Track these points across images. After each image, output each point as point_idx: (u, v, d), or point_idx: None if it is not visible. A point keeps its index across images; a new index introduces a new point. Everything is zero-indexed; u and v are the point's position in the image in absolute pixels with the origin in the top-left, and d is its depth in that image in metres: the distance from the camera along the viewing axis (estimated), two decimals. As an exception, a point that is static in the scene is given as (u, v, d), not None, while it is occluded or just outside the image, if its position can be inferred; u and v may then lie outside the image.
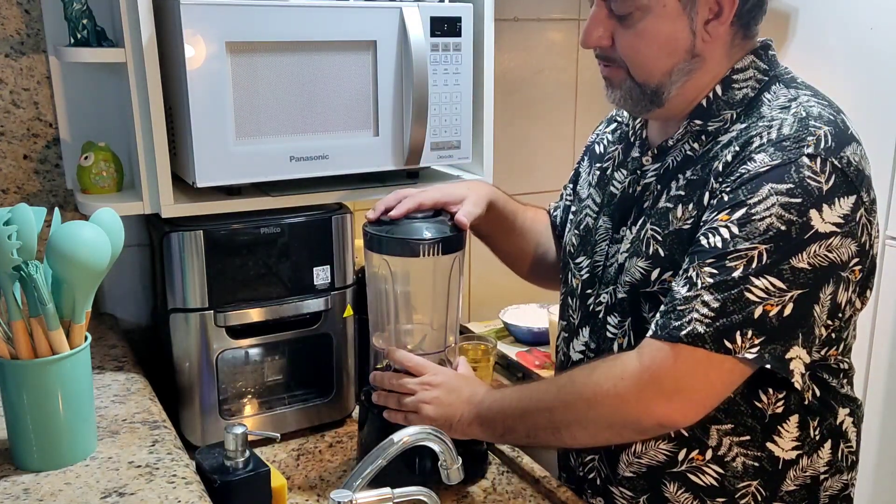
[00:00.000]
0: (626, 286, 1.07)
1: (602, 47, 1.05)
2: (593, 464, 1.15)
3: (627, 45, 1.03)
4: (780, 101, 1.02)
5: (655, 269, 1.04)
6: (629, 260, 1.08)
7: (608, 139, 1.25)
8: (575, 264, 1.20)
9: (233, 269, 1.30)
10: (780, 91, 1.03)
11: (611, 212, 1.15)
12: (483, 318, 1.96)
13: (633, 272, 1.06)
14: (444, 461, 1.08)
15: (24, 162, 1.43)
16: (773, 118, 0.99)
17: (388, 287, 1.27)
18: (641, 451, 1.08)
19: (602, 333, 1.12)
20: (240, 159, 1.23)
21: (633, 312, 1.07)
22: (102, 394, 1.20)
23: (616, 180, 1.16)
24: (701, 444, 1.05)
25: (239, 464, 1.06)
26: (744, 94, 1.04)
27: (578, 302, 1.18)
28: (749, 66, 1.05)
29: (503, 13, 1.78)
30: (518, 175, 1.97)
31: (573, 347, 1.18)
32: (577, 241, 1.21)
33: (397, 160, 1.35)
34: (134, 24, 1.17)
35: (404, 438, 1.02)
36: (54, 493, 0.94)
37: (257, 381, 1.42)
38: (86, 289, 0.98)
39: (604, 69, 1.08)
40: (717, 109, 1.05)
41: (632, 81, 1.05)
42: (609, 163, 1.20)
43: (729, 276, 0.93)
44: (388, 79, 1.31)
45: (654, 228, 1.05)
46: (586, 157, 1.30)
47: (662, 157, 1.09)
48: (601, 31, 1.04)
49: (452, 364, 1.30)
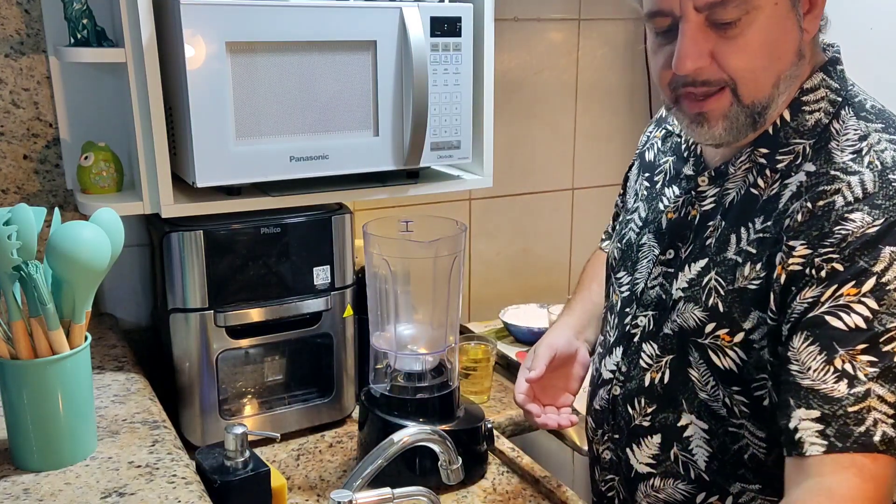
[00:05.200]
0: (677, 327, 0.99)
1: (701, 70, 0.88)
2: (613, 484, 1.12)
3: (737, 58, 0.87)
4: (850, 138, 0.90)
5: (711, 324, 0.95)
6: (685, 303, 0.98)
7: (658, 146, 1.14)
8: (616, 279, 1.12)
9: (233, 269, 1.30)
10: (850, 123, 0.91)
11: (657, 231, 1.06)
12: (483, 318, 1.96)
13: (688, 318, 0.97)
14: (444, 461, 1.08)
15: (24, 162, 1.43)
16: (846, 169, 0.87)
17: (388, 287, 1.27)
18: (660, 486, 1.03)
19: (635, 359, 1.05)
20: (240, 159, 1.23)
21: (678, 352, 0.99)
22: (102, 394, 1.20)
23: (666, 197, 1.06)
24: (721, 491, 0.99)
25: (239, 464, 1.06)
26: (815, 119, 0.92)
27: (617, 320, 1.10)
28: (820, 84, 0.93)
29: (503, 13, 1.78)
30: (518, 175, 1.97)
31: (605, 365, 1.11)
32: (619, 255, 1.12)
33: (397, 160, 1.35)
34: (134, 24, 1.17)
35: (404, 438, 1.02)
36: (54, 493, 0.94)
37: (257, 381, 1.42)
38: (86, 289, 0.98)
39: (695, 104, 0.91)
40: (786, 138, 0.92)
41: (738, 105, 0.90)
42: (660, 176, 1.10)
43: (893, 362, 0.80)
44: (388, 79, 1.31)
45: (718, 280, 0.95)
46: (636, 162, 1.20)
47: (720, 183, 0.98)
48: (700, 49, 0.87)
49: (452, 363, 1.30)
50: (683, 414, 1.00)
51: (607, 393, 1.10)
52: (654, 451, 1.03)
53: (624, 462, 1.08)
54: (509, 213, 1.99)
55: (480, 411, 1.34)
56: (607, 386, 1.10)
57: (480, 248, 1.99)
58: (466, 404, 1.34)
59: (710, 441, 0.98)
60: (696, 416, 0.99)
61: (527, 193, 2.00)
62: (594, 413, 1.14)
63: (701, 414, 0.98)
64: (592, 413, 1.14)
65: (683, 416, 1.00)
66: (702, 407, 0.98)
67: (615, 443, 1.09)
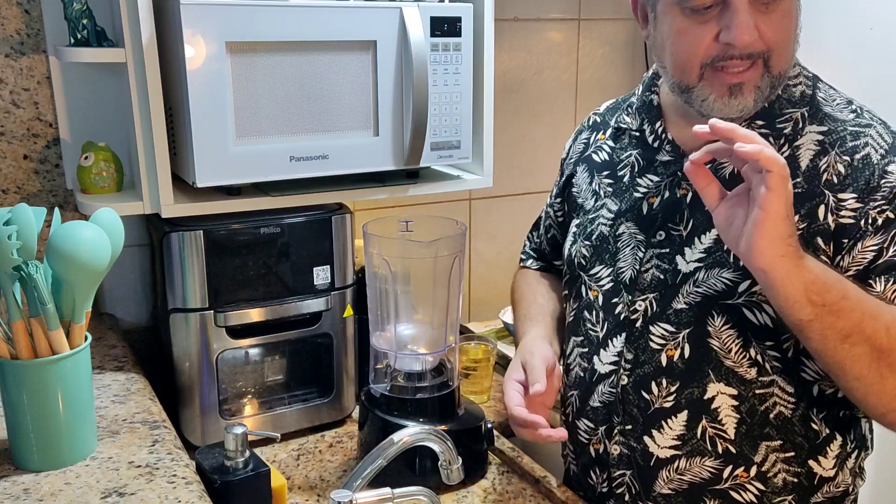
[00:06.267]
0: (697, 297, 1.03)
1: (754, 42, 0.94)
2: (624, 479, 1.12)
3: (774, 30, 0.95)
4: (839, 103, 1.02)
5: (745, 281, 0.99)
6: (706, 271, 1.02)
7: (609, 146, 1.20)
8: (589, 276, 1.15)
9: (233, 269, 1.30)
10: (830, 92, 1.04)
11: (637, 218, 1.10)
12: (483, 318, 1.96)
13: (714, 283, 1.01)
14: (444, 461, 1.08)
15: (24, 162, 1.43)
16: (859, 125, 1.00)
17: (388, 287, 1.27)
18: (685, 467, 1.06)
19: (642, 343, 1.07)
20: (240, 159, 1.23)
21: (695, 324, 1.03)
22: (102, 394, 1.20)
23: (642, 186, 1.11)
24: (747, 461, 1.04)
25: (239, 464, 1.06)
26: (801, 91, 1.03)
27: (602, 313, 1.12)
28: (795, 62, 1.03)
29: (503, 13, 1.78)
30: (518, 175, 1.97)
31: (599, 360, 1.12)
32: (590, 251, 1.15)
33: (397, 160, 1.35)
34: (134, 24, 1.17)
35: (404, 438, 1.02)
36: (54, 493, 0.94)
37: (257, 381, 1.42)
38: (86, 289, 0.98)
39: (734, 75, 0.97)
40: (780, 108, 1.02)
41: (768, 76, 0.98)
42: (625, 170, 1.15)
43: None
44: (388, 79, 1.31)
45: None
46: (580, 168, 1.24)
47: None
48: (752, 22, 0.93)
49: (453, 363, 1.30)
50: (710, 385, 1.04)
51: (612, 386, 1.10)
52: (680, 430, 1.05)
53: (640, 452, 1.08)
54: (509, 213, 1.99)
55: (480, 411, 1.34)
56: (609, 379, 1.11)
57: (480, 248, 1.99)
58: (466, 404, 1.34)
59: (739, 406, 1.03)
60: (725, 383, 1.03)
61: (527, 193, 2.00)
62: (592, 412, 1.14)
63: (730, 380, 1.03)
64: (590, 412, 1.14)
65: (710, 388, 1.04)
66: (729, 373, 1.03)
67: (627, 434, 1.09)
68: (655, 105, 1.14)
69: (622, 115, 1.20)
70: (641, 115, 1.16)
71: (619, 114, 1.21)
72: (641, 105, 1.16)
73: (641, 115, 1.16)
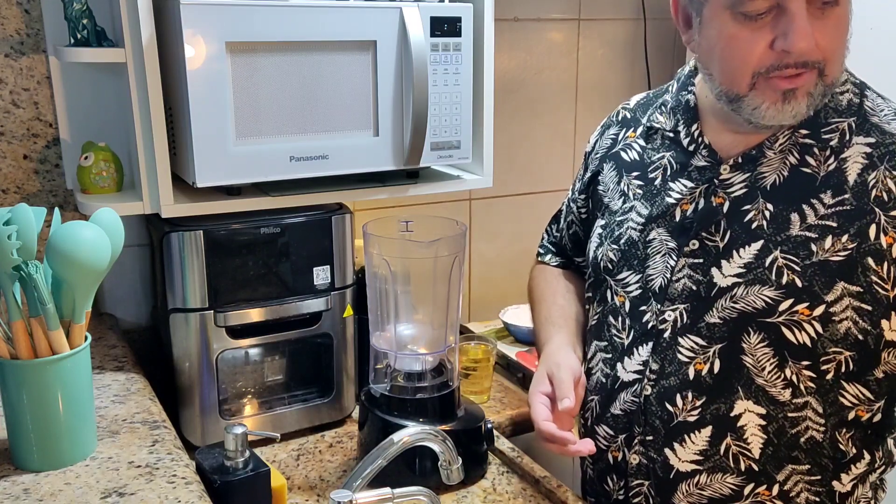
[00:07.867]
0: (733, 312, 1.00)
1: (811, 49, 0.91)
2: (641, 489, 1.09)
3: (829, 37, 0.92)
4: (887, 113, 0.99)
5: (788, 300, 0.96)
6: (745, 287, 0.99)
7: (640, 145, 1.15)
8: (616, 281, 1.11)
9: (233, 269, 1.30)
10: (878, 101, 1.00)
11: (670, 224, 1.06)
12: (483, 318, 1.96)
13: (752, 300, 0.98)
14: (444, 461, 1.08)
15: (24, 162, 1.43)
16: None
17: (388, 287, 1.27)
18: (706, 483, 1.03)
19: (669, 354, 1.04)
20: (240, 159, 1.23)
21: (728, 339, 1.00)
22: (102, 394, 1.20)
23: (674, 191, 1.07)
24: (770, 480, 1.02)
25: (239, 464, 1.06)
26: (847, 100, 1.00)
27: (628, 320, 1.09)
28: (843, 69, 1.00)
29: (503, 13, 1.78)
30: (518, 175, 1.97)
31: (623, 368, 1.09)
32: (618, 256, 1.11)
33: (397, 160, 1.35)
34: (134, 24, 1.17)
35: (404, 438, 1.02)
36: (54, 493, 0.94)
37: (257, 381, 1.42)
38: (86, 289, 0.98)
39: (788, 80, 0.94)
40: (825, 118, 0.99)
41: (821, 84, 0.94)
42: (657, 172, 1.10)
43: None
44: (388, 79, 1.31)
45: (788, 257, 0.97)
46: (606, 165, 1.19)
47: (750, 168, 1.01)
48: (810, 29, 0.90)
49: (452, 363, 1.30)
50: (738, 402, 1.01)
51: (634, 395, 1.07)
52: (703, 445, 1.03)
53: (660, 464, 1.06)
54: (509, 213, 1.99)
55: (480, 411, 1.34)
56: (632, 388, 1.08)
57: (480, 248, 1.99)
58: (466, 404, 1.34)
59: (767, 427, 1.00)
60: (754, 401, 1.00)
61: (527, 193, 2.00)
62: (613, 419, 1.11)
63: (759, 399, 1.00)
64: (610, 419, 1.11)
65: (737, 405, 1.01)
66: (759, 392, 1.00)
67: (647, 445, 1.07)
68: (692, 106, 1.09)
69: (655, 114, 1.15)
70: (676, 116, 1.10)
71: (652, 112, 1.16)
72: (677, 105, 1.11)
73: (676, 115, 1.10)
